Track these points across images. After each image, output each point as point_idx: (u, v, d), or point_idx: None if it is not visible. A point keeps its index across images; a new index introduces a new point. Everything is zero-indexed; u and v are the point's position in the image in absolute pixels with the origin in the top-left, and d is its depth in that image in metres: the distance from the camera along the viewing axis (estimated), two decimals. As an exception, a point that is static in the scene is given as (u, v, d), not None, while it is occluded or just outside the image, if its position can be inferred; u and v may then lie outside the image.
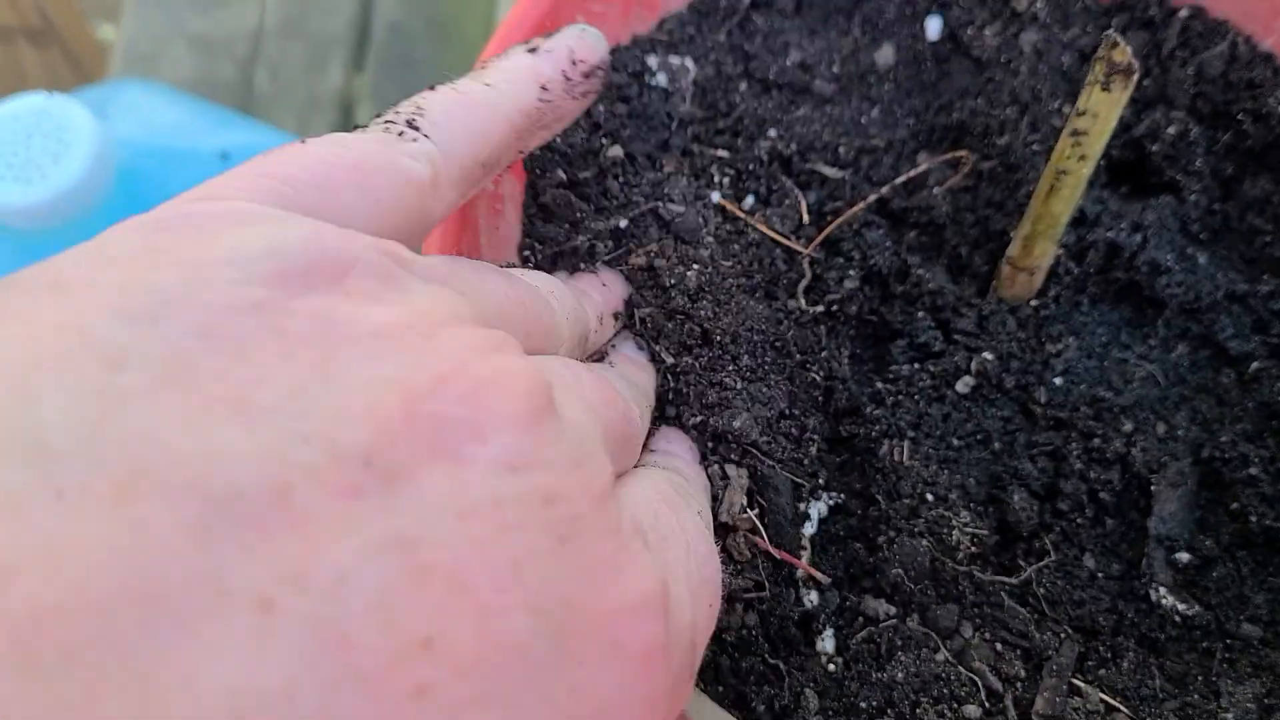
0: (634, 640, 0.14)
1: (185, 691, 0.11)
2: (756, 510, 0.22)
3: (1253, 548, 0.24)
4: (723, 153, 0.28)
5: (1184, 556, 0.24)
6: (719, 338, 0.23)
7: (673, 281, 0.24)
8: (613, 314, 0.25)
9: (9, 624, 0.10)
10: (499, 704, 0.13)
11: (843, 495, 0.24)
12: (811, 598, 0.22)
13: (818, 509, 0.23)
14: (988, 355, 0.23)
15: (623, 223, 0.26)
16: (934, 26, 0.30)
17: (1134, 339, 0.27)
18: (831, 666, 0.22)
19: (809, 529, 0.23)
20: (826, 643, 0.22)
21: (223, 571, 0.11)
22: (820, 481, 0.24)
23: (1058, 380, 0.25)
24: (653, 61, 0.28)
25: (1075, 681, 0.22)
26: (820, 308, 0.26)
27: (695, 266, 0.24)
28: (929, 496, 0.23)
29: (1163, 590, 0.23)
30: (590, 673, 0.14)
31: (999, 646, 0.22)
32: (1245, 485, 0.25)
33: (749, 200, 0.28)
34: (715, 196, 0.27)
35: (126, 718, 0.10)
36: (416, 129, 0.19)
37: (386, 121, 0.19)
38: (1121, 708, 0.22)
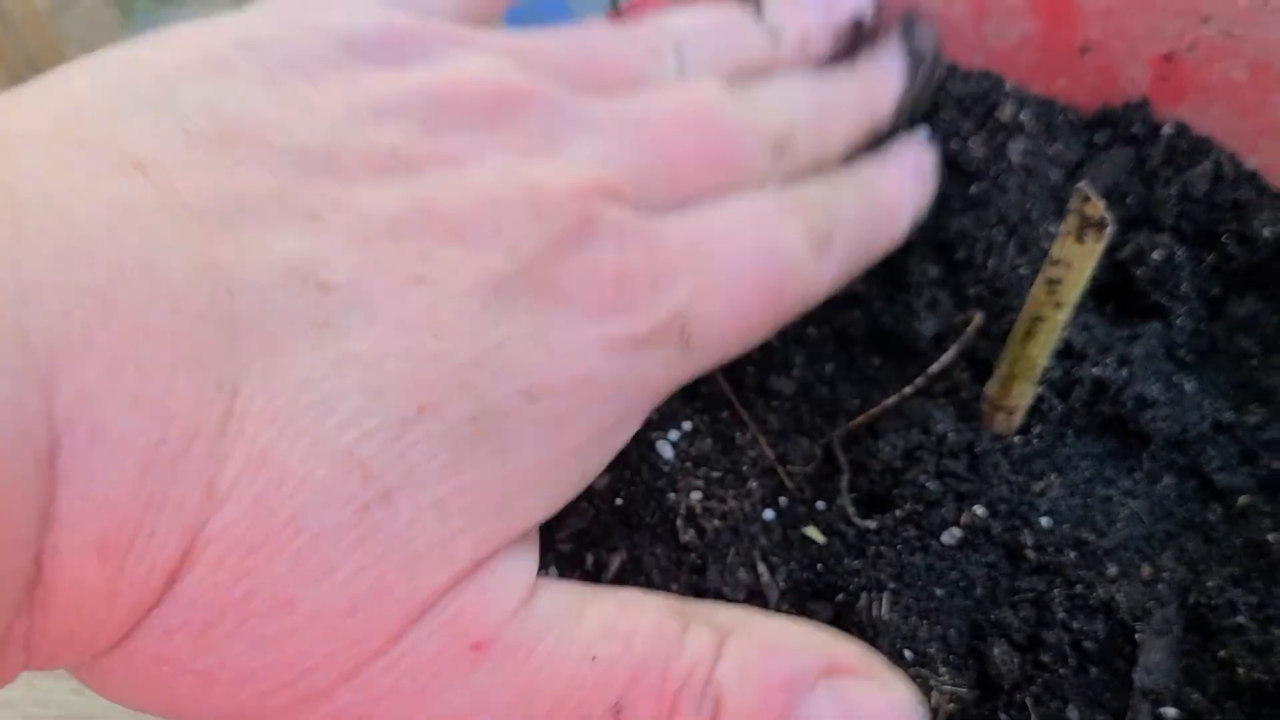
0: (579, 292, 0.19)
1: (259, 247, 0.16)
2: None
3: (1241, 700, 0.23)
4: None
5: (1171, 712, 0.23)
6: None
7: None
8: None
9: (199, 195, 0.16)
10: (481, 299, 0.17)
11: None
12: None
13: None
14: (979, 510, 0.23)
15: None
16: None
17: (1119, 473, 0.26)
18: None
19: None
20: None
21: (288, 191, 0.17)
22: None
23: (1044, 521, 0.24)
24: None
25: None
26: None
27: None
28: (907, 654, 0.22)
29: (1149, 747, 0.23)
30: (547, 304, 0.18)
31: (980, 809, 0.21)
32: (1232, 634, 0.24)
33: None
34: None
35: (231, 257, 0.15)
36: None
37: None
38: None
